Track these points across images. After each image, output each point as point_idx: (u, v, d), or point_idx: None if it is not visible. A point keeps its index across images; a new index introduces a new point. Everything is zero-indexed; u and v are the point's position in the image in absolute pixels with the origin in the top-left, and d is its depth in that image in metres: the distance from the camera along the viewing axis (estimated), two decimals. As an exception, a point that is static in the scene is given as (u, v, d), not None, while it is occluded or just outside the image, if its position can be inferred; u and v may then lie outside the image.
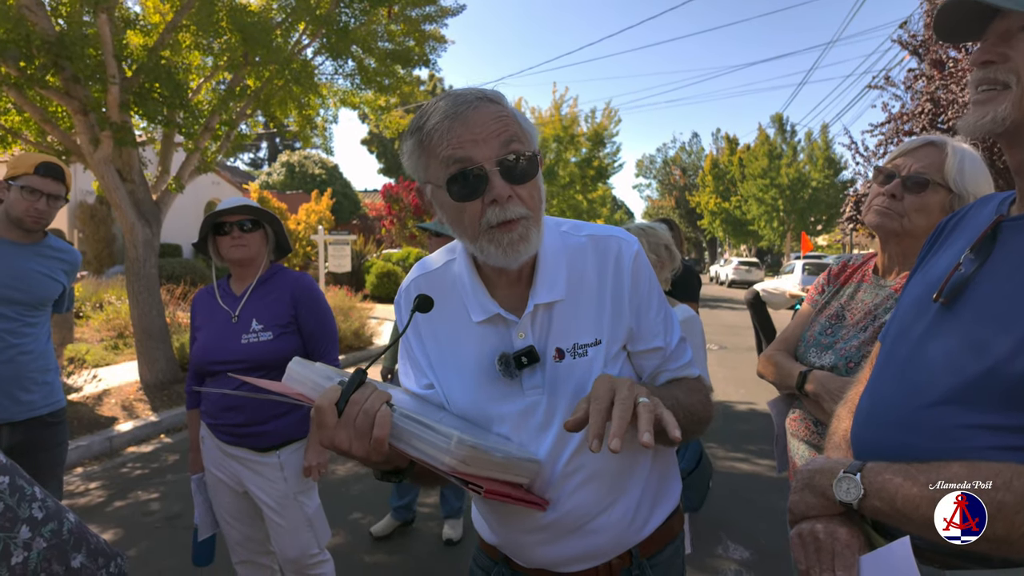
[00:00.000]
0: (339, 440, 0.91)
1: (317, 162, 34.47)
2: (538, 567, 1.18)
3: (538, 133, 1.16)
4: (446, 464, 0.87)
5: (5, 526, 0.68)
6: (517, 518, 1.15)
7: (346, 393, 0.91)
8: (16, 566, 0.67)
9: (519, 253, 1.03)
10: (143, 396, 6.45)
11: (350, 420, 0.90)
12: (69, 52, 5.32)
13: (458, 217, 1.05)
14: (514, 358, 1.09)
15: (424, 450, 0.89)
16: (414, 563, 3.34)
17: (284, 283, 2.33)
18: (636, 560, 1.17)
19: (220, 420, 2.25)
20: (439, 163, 1.02)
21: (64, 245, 2.58)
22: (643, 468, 1.17)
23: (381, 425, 0.88)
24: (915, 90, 11.61)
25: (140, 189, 6.63)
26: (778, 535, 3.64)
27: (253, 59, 6.67)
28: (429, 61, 8.46)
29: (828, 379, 1.55)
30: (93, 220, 17.13)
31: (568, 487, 1.10)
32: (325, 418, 0.91)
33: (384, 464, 0.99)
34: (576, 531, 1.12)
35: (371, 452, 0.90)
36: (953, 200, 1.51)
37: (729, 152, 43.89)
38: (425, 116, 1.03)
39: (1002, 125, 0.88)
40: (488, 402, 1.12)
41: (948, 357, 0.90)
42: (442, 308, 1.13)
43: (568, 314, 1.11)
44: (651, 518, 1.19)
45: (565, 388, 1.09)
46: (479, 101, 1.02)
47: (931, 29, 1.15)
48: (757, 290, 4.91)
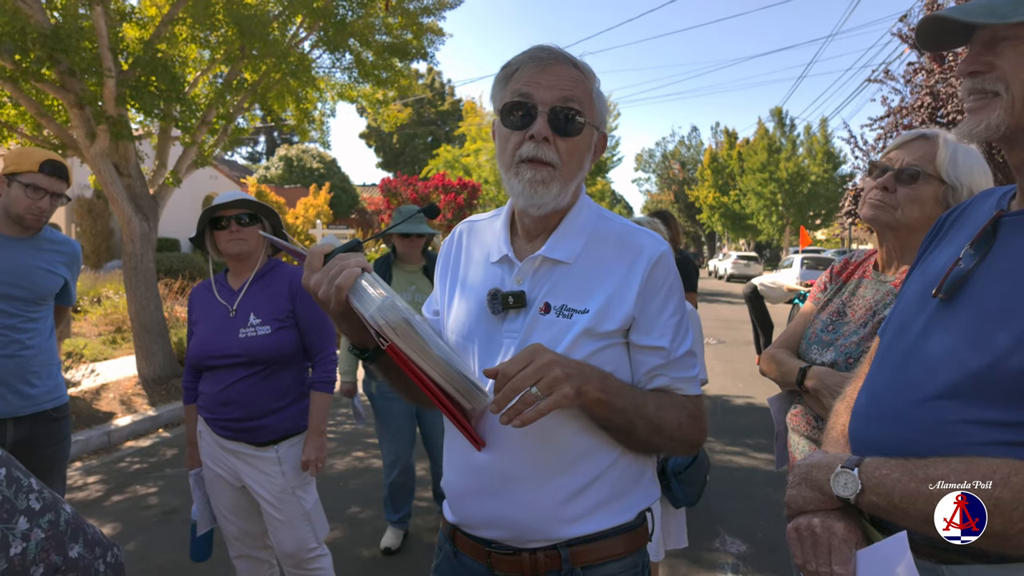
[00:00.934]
0: (314, 281, 1.05)
1: (315, 156, 34.36)
2: (464, 524, 1.21)
3: (608, 118, 1.25)
4: (375, 321, 0.97)
5: (3, 517, 0.69)
6: (460, 455, 1.20)
7: (337, 249, 1.07)
8: (15, 557, 0.68)
9: (537, 194, 1.11)
10: (141, 391, 6.45)
11: (328, 268, 1.04)
12: (64, 45, 5.29)
13: (503, 145, 1.16)
14: (502, 297, 1.15)
15: (368, 308, 0.99)
16: (411, 557, 3.35)
17: (282, 277, 2.32)
18: (567, 564, 1.12)
19: (218, 415, 2.24)
20: (508, 93, 1.14)
21: (62, 237, 2.55)
22: (600, 461, 1.13)
23: (346, 276, 1.01)
24: (915, 84, 11.58)
25: (137, 183, 6.61)
26: (775, 529, 3.65)
27: (250, 52, 6.63)
28: (427, 54, 8.42)
29: (827, 375, 1.55)
30: (90, 214, 17.09)
31: (505, 435, 1.11)
32: (313, 260, 1.07)
33: (349, 331, 1.12)
34: (500, 490, 1.13)
35: (331, 297, 1.03)
36: (947, 192, 1.51)
37: (728, 146, 43.87)
38: (521, 54, 1.15)
39: (997, 132, 0.88)
40: (471, 334, 1.19)
41: (947, 352, 0.89)
42: (475, 250, 1.29)
43: (570, 279, 1.16)
44: (587, 518, 1.13)
45: (538, 340, 1.11)
46: (565, 59, 1.14)
47: (915, 40, 1.15)
48: (755, 284, 4.92)
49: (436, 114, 42.54)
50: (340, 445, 5.24)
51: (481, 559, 1.19)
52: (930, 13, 0.92)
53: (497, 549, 1.17)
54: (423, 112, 41.18)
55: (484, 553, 1.18)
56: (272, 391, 2.24)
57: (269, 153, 52.74)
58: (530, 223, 1.21)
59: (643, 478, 1.22)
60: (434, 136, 41.95)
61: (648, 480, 1.23)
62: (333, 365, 2.37)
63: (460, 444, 1.17)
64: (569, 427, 1.11)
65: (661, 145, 59.65)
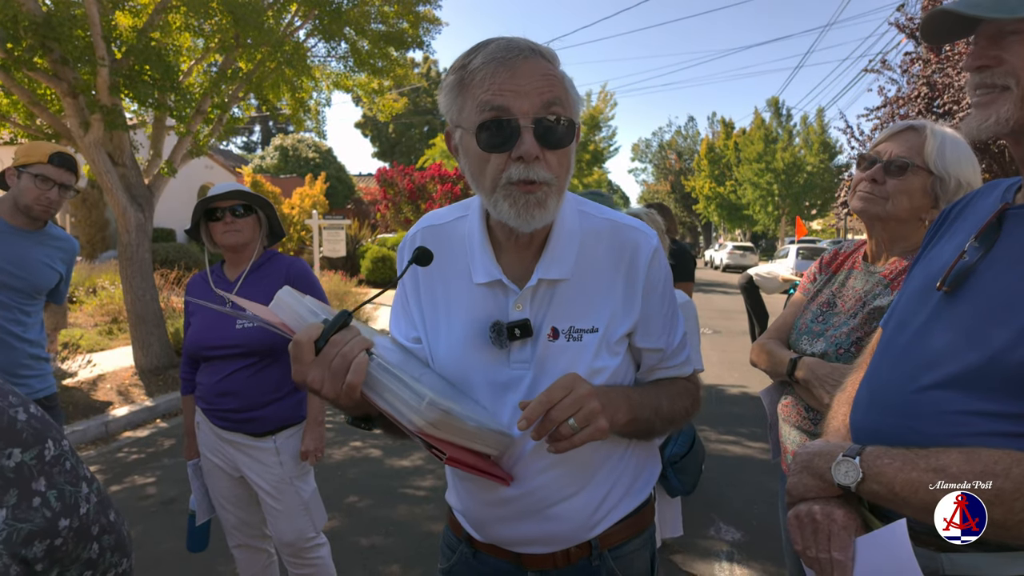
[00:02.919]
0: (312, 378, 0.90)
1: (311, 146, 34.19)
2: (495, 543, 1.18)
3: (583, 106, 1.11)
4: (414, 424, 0.87)
5: (73, 482, 0.81)
6: (481, 489, 1.14)
7: (327, 332, 0.90)
8: (83, 516, 0.81)
9: (533, 218, 1.00)
10: (138, 381, 6.44)
11: (327, 360, 0.89)
12: (56, 33, 5.23)
13: (480, 167, 1.01)
14: (507, 328, 1.06)
15: (396, 406, 0.88)
16: (409, 546, 3.37)
17: (278, 268, 2.31)
18: (596, 551, 1.15)
19: (215, 405, 2.24)
20: (475, 106, 0.97)
21: (62, 233, 2.59)
22: (616, 462, 1.16)
23: (356, 372, 0.87)
24: (911, 74, 11.55)
25: (132, 173, 6.57)
26: (770, 516, 3.68)
27: (245, 41, 6.57)
28: (423, 43, 8.37)
29: (817, 365, 1.57)
30: (85, 204, 16.96)
31: (535, 467, 1.09)
32: (302, 353, 0.90)
33: (354, 409, 0.99)
34: (536, 514, 1.11)
35: (342, 396, 0.89)
36: (935, 182, 1.53)
37: (725, 136, 43.79)
38: (471, 55, 0.99)
39: (1006, 126, 0.88)
40: (471, 367, 1.10)
41: (950, 344, 0.90)
42: (444, 264, 1.12)
43: (571, 296, 1.09)
44: (614, 511, 1.16)
45: (553, 368, 1.07)
46: (532, 53, 0.98)
47: (919, 33, 1.15)
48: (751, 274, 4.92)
49: (432, 103, 42.23)
50: (338, 435, 5.25)
51: (509, 558, 1.18)
52: (938, 6, 0.92)
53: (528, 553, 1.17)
54: (419, 101, 40.96)
55: (513, 554, 1.17)
56: (269, 382, 2.23)
57: (264, 143, 52.45)
58: (516, 236, 1.08)
59: (648, 457, 1.25)
60: (430, 126, 41.80)
61: (652, 457, 1.26)
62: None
63: (479, 480, 1.12)
64: (589, 444, 1.07)
65: (658, 135, 59.52)
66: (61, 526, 0.77)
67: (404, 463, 4.61)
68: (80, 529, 0.80)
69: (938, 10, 0.91)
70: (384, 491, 4.08)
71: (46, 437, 0.79)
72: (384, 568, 3.14)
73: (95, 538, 0.83)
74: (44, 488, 0.76)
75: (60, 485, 0.78)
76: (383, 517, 3.69)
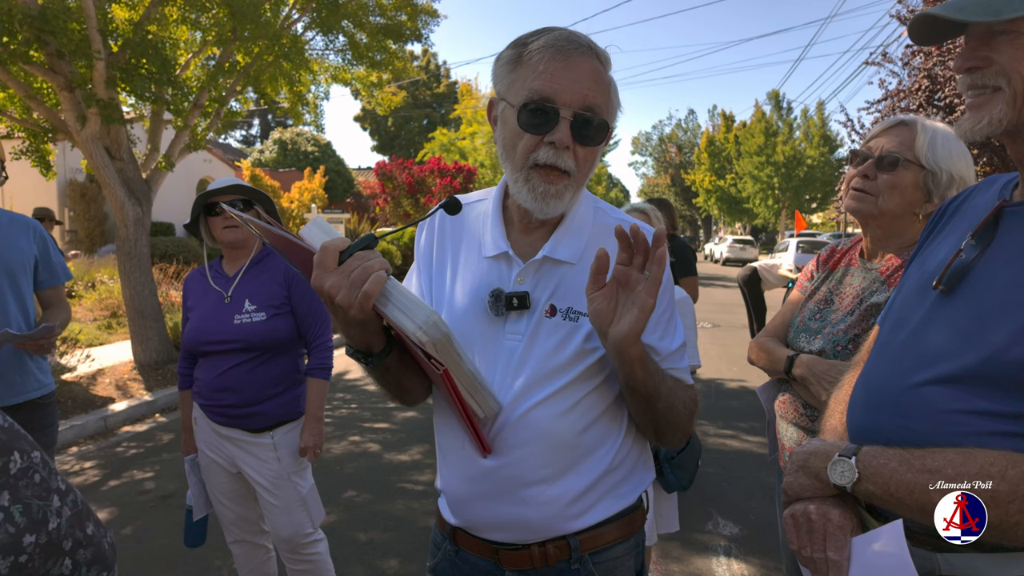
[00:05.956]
0: (330, 284, 0.92)
1: (310, 139, 34.10)
2: (470, 528, 1.18)
3: (621, 112, 1.17)
4: (417, 337, 0.91)
5: (42, 495, 0.77)
6: (462, 461, 1.16)
7: (353, 247, 0.94)
8: (52, 531, 0.77)
9: (548, 206, 1.08)
10: (137, 376, 6.45)
11: (348, 269, 0.92)
12: (52, 26, 5.20)
13: (513, 142, 1.08)
14: (506, 297, 1.11)
15: (402, 319, 0.92)
16: (408, 541, 3.37)
17: (277, 264, 2.30)
18: (576, 553, 1.13)
19: (213, 401, 2.24)
20: (524, 85, 1.04)
21: (14, 214, 2.40)
22: (604, 455, 1.14)
23: (374, 282, 0.91)
24: (912, 67, 11.51)
25: (129, 167, 6.55)
26: (767, 511, 3.69)
27: (242, 34, 6.54)
28: (421, 36, 8.34)
29: (815, 362, 1.57)
30: (83, 198, 16.94)
31: (512, 440, 1.09)
32: (327, 259, 0.93)
33: (358, 335, 1.02)
34: (510, 494, 1.10)
35: (355, 304, 0.92)
36: (927, 177, 1.53)
37: (725, 129, 43.69)
38: (534, 37, 1.06)
39: (1000, 127, 0.88)
40: (468, 334, 1.13)
41: (946, 343, 0.89)
42: (459, 237, 1.22)
43: (573, 280, 1.12)
44: (596, 509, 1.14)
45: (546, 343, 1.09)
46: (590, 51, 1.05)
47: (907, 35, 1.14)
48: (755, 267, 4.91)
49: (431, 97, 42.20)
50: (336, 430, 5.26)
51: (487, 555, 1.18)
52: (922, 12, 0.91)
53: (504, 546, 1.16)
54: (418, 95, 40.85)
55: (491, 550, 1.17)
56: (268, 377, 2.23)
57: (263, 136, 52.33)
58: (529, 218, 1.15)
59: (641, 461, 1.23)
60: (429, 119, 41.67)
61: (645, 462, 1.25)
62: (329, 352, 2.36)
63: (462, 451, 1.15)
64: (575, 426, 1.10)
65: (658, 128, 59.59)
66: (26, 542, 0.74)
67: (403, 458, 4.61)
68: (49, 544, 0.76)
69: (922, 15, 0.91)
70: (382, 486, 4.09)
71: (12, 449, 0.76)
72: (382, 563, 3.15)
73: (67, 553, 0.79)
74: (8, 503, 0.73)
75: (26, 499, 0.76)
76: (381, 512, 3.70)
